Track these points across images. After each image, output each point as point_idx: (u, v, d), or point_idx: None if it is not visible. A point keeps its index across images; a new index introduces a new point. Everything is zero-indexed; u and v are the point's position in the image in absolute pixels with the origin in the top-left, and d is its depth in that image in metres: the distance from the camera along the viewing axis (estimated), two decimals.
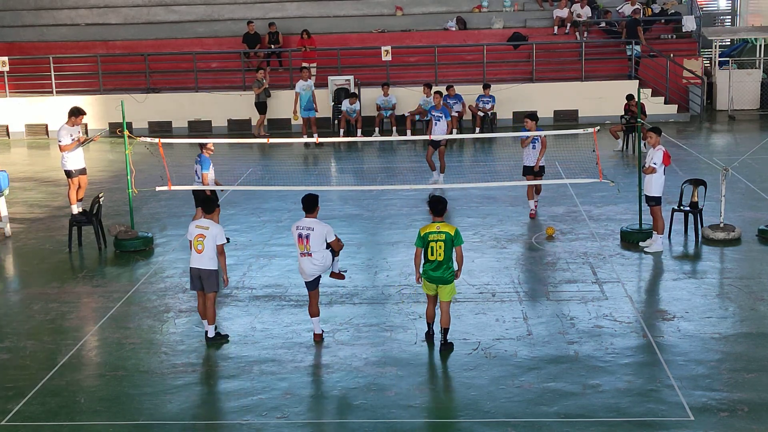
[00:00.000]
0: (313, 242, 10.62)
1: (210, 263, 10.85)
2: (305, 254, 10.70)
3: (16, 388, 9.89)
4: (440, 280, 10.40)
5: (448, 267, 10.36)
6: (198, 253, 10.83)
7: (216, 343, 10.99)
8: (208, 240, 10.79)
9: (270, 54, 29.70)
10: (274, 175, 20.78)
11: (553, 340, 10.83)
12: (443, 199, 10.63)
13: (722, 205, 14.80)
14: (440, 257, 10.29)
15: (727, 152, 21.62)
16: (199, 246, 10.81)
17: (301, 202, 10.83)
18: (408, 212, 17.13)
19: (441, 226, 10.36)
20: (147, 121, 27.69)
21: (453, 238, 10.31)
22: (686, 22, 29.25)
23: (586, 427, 8.73)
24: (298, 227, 10.73)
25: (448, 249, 10.30)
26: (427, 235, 10.34)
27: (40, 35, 31.21)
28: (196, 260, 10.88)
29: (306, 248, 10.65)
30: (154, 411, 9.34)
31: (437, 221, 10.43)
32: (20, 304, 12.85)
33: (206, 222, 10.96)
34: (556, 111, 27.41)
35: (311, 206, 10.76)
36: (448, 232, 10.32)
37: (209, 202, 11.24)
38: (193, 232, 10.93)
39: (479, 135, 23.99)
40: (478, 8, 30.81)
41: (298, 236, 10.69)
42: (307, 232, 10.65)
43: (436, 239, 10.29)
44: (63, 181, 16.85)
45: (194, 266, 10.91)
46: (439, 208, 10.48)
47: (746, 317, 11.47)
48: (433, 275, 10.39)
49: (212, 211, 11.12)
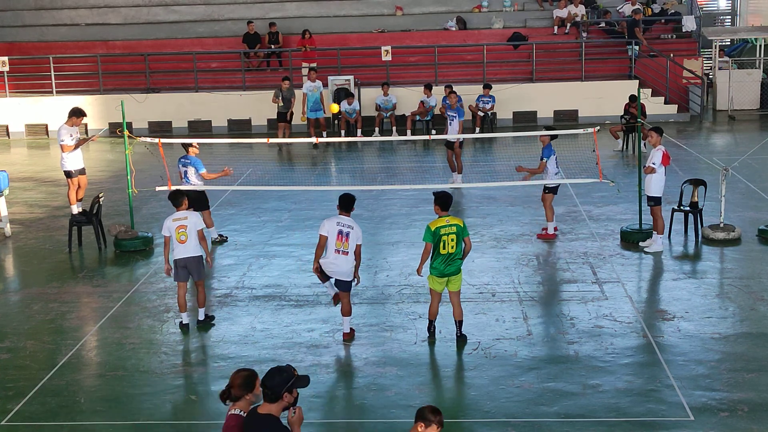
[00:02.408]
0: (351, 241, 10.62)
1: (195, 250, 11.32)
2: (342, 252, 10.61)
3: (16, 388, 9.89)
4: (452, 272, 10.55)
5: (458, 257, 10.56)
6: (182, 243, 11.25)
7: (206, 325, 11.43)
8: (190, 229, 11.23)
9: (270, 54, 29.69)
10: (274, 175, 20.77)
11: (553, 340, 10.83)
12: (449, 194, 10.81)
13: (722, 205, 14.80)
14: (452, 249, 10.46)
15: (727, 152, 21.61)
16: (182, 237, 11.22)
17: (339, 199, 10.82)
18: (408, 212, 17.13)
19: (450, 219, 10.55)
20: (147, 121, 27.68)
21: (462, 229, 10.52)
22: (686, 22, 29.24)
23: (586, 427, 8.73)
24: (339, 223, 10.67)
25: (459, 241, 10.48)
26: (438, 230, 10.45)
27: (40, 35, 31.20)
28: (181, 251, 11.27)
29: (344, 246, 10.59)
30: (154, 411, 9.35)
31: (444, 215, 10.58)
32: (20, 304, 12.85)
33: (182, 213, 11.40)
34: (556, 111, 27.40)
35: (350, 205, 10.82)
36: (457, 224, 10.53)
37: (178, 195, 11.60)
38: (171, 226, 11.32)
39: (479, 135, 24.06)
40: (478, 8, 30.80)
41: (338, 232, 10.60)
42: (347, 230, 10.63)
43: (448, 232, 10.46)
44: (63, 181, 16.85)
45: (180, 257, 11.28)
46: (447, 203, 10.67)
47: (746, 317, 11.48)
48: (447, 270, 10.51)
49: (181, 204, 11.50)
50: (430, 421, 6.32)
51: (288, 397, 6.27)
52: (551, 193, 15.15)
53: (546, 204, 15.15)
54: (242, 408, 6.43)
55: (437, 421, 6.34)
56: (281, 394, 6.24)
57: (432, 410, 6.38)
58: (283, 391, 6.25)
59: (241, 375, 6.48)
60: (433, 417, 6.33)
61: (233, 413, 6.42)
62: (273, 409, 6.26)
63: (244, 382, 6.43)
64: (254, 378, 6.47)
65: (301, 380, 6.35)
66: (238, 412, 6.41)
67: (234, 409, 6.44)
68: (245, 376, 6.46)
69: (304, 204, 17.59)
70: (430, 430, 6.31)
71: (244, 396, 6.43)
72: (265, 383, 6.28)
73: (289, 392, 6.27)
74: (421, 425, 6.32)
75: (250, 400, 6.44)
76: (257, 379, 6.46)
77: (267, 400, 6.29)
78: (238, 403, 6.45)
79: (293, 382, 6.29)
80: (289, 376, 6.30)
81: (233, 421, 6.39)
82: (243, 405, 6.44)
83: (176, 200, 11.56)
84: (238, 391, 6.43)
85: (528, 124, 27.16)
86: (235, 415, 6.40)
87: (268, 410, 6.26)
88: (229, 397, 6.46)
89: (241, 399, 6.44)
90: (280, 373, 6.30)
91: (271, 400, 6.27)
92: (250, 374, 6.49)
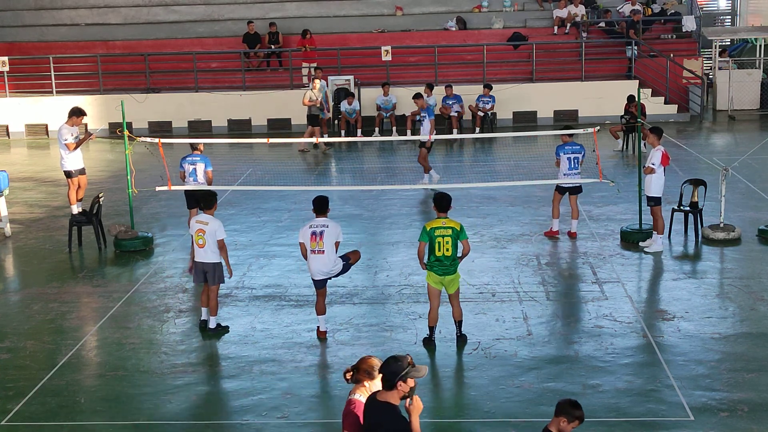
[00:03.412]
0: (326, 240, 10.68)
1: (212, 257, 11.18)
2: (317, 252, 10.72)
3: (16, 388, 9.89)
4: (451, 272, 10.50)
5: (454, 261, 10.48)
6: (200, 247, 11.18)
7: (217, 334, 11.22)
8: (207, 235, 11.10)
9: (270, 54, 29.70)
10: (274, 175, 20.77)
11: (553, 340, 10.83)
12: (448, 195, 10.74)
13: (722, 205, 14.80)
14: (447, 252, 10.39)
15: (727, 152, 21.61)
16: (200, 241, 11.16)
17: (312, 203, 10.92)
18: (408, 212, 17.14)
19: (446, 221, 10.47)
20: (147, 121, 27.68)
21: (458, 232, 10.41)
22: (686, 22, 29.25)
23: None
24: (312, 225, 10.80)
25: (454, 244, 10.41)
26: (432, 231, 10.40)
27: (40, 35, 31.21)
28: (199, 255, 11.25)
29: (318, 245, 10.68)
30: (154, 411, 9.35)
31: (441, 217, 10.53)
32: (20, 304, 12.85)
33: (205, 217, 11.24)
34: (556, 111, 27.40)
35: (323, 207, 10.87)
36: (453, 227, 10.43)
37: (210, 197, 11.39)
38: (193, 227, 11.29)
39: (479, 135, 24.06)
40: (478, 8, 30.80)
41: (311, 234, 10.71)
42: (321, 229, 10.72)
43: (443, 234, 10.38)
44: (63, 181, 16.84)
45: (198, 260, 11.28)
46: (443, 204, 10.60)
47: (746, 317, 11.47)
48: (440, 272, 10.46)
49: (212, 206, 11.32)
50: (573, 416, 6.30)
51: (403, 386, 6.20)
52: (557, 192, 15.15)
53: (554, 201, 15.21)
54: (362, 393, 6.46)
55: (579, 417, 6.29)
56: (395, 383, 6.19)
57: (573, 404, 6.32)
58: (397, 379, 6.18)
59: (367, 361, 6.52)
60: (577, 412, 6.32)
61: (352, 397, 6.47)
62: (390, 396, 6.23)
63: (368, 369, 6.47)
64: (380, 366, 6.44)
65: (418, 370, 6.26)
66: (358, 396, 6.45)
67: (354, 393, 6.49)
68: (370, 363, 6.49)
69: (304, 204, 17.56)
70: (573, 425, 6.26)
71: (363, 382, 6.47)
72: (382, 370, 6.28)
73: (404, 381, 6.20)
74: (563, 420, 6.24)
75: (369, 387, 6.47)
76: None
77: (384, 387, 6.27)
78: (358, 387, 6.49)
79: (407, 371, 6.21)
80: (404, 365, 6.23)
81: (352, 405, 6.43)
82: (363, 390, 6.48)
83: (208, 202, 11.32)
84: (361, 375, 6.48)
85: (528, 124, 27.17)
86: (354, 400, 6.45)
87: (386, 398, 6.24)
88: (353, 377, 6.50)
89: (361, 383, 6.49)
90: (396, 362, 6.24)
91: (386, 387, 6.24)
92: (374, 363, 6.48)
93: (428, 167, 18.93)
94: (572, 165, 14.86)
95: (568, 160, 14.83)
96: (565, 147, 14.90)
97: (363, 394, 6.46)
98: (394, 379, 6.18)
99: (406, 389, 6.22)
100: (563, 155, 14.86)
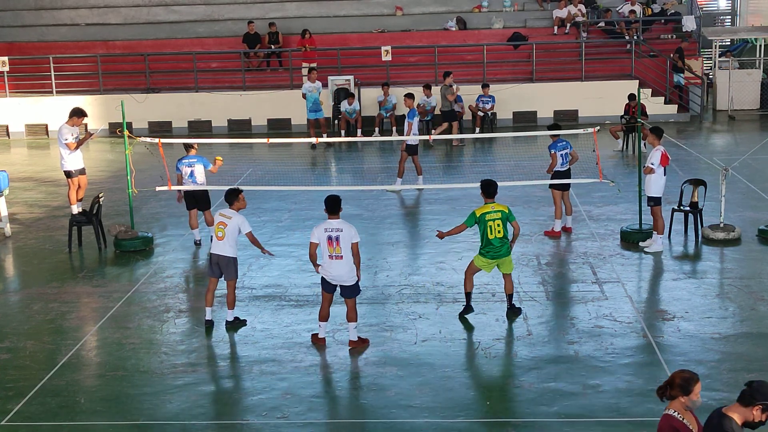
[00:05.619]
0: (343, 244, 10.41)
1: (229, 251, 11.26)
2: (335, 257, 10.43)
3: (16, 388, 9.89)
4: (502, 255, 11.25)
5: (505, 242, 11.23)
6: (219, 240, 11.25)
7: (235, 327, 11.39)
8: (229, 228, 11.18)
9: (270, 54, 29.70)
10: (274, 175, 20.77)
11: (553, 340, 10.83)
12: (494, 181, 11.40)
13: (722, 205, 14.80)
14: (500, 233, 11.14)
15: (727, 152, 21.61)
16: (219, 233, 11.25)
17: (325, 203, 10.58)
18: (408, 212, 17.13)
19: (495, 206, 11.20)
20: (147, 121, 27.68)
21: (507, 215, 11.18)
22: (686, 22, 29.24)
23: (586, 427, 8.73)
24: (327, 229, 10.48)
25: (505, 225, 11.17)
26: (484, 215, 11.17)
27: (40, 35, 31.20)
28: (217, 247, 11.30)
29: (336, 250, 10.41)
30: (154, 411, 9.35)
31: (489, 202, 11.19)
32: (20, 304, 12.85)
33: (229, 212, 11.34)
34: (556, 111, 27.38)
35: (335, 207, 10.55)
36: (502, 210, 11.20)
37: (232, 193, 11.46)
38: (216, 219, 11.41)
39: (479, 135, 24.05)
40: (478, 8, 30.80)
41: (328, 238, 10.43)
42: (336, 233, 10.42)
43: (494, 218, 11.12)
44: (63, 181, 16.85)
45: (214, 252, 11.32)
46: (491, 190, 11.29)
47: (746, 317, 11.47)
48: (497, 254, 11.21)
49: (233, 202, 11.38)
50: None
51: (757, 412, 6.01)
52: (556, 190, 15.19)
53: (555, 201, 15.30)
54: (676, 409, 6.30)
55: None
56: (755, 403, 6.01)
57: None
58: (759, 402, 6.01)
59: (681, 376, 6.35)
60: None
61: (667, 413, 6.33)
62: (737, 412, 6.06)
63: (682, 383, 6.30)
64: (694, 381, 6.30)
65: None
66: (672, 412, 6.30)
67: (669, 410, 6.34)
68: (685, 378, 6.32)
69: (304, 204, 17.58)
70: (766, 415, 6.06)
71: (679, 397, 6.31)
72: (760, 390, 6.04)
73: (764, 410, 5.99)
74: (757, 408, 6.02)
75: (684, 403, 6.29)
76: (697, 383, 6.30)
77: (740, 401, 6.10)
78: (672, 403, 6.34)
79: None
80: None
81: (665, 421, 6.30)
82: (677, 406, 6.31)
83: (230, 198, 11.38)
84: (675, 391, 6.32)
85: (528, 124, 27.16)
86: (668, 416, 6.29)
87: (732, 411, 6.08)
88: (666, 394, 6.36)
89: (675, 399, 6.33)
90: None
91: (744, 402, 6.07)
92: (690, 377, 6.31)
93: (403, 171, 18.67)
94: (564, 160, 15.18)
95: (561, 156, 15.10)
96: (558, 144, 15.14)
97: (677, 409, 6.29)
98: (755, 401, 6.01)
99: (761, 417, 6.03)
100: (557, 152, 15.06)
